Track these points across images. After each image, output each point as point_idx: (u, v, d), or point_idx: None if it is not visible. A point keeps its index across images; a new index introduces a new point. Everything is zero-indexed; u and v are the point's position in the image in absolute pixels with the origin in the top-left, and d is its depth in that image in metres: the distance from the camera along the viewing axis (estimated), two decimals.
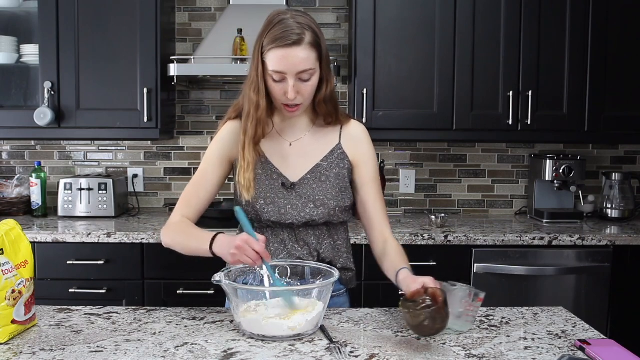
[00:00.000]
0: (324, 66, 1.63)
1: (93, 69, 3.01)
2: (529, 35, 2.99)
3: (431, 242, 2.76)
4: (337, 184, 1.71)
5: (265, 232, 1.70)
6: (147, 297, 2.79)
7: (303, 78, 1.59)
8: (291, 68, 1.56)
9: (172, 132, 3.37)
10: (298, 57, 1.56)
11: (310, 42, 1.57)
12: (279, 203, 1.67)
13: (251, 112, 1.63)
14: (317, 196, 1.68)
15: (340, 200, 1.70)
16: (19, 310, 1.44)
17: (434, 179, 3.44)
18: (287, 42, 1.55)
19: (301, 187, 1.69)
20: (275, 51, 1.56)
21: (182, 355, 1.34)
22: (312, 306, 1.46)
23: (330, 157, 1.73)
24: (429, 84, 3.01)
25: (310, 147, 1.73)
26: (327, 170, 1.71)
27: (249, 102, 1.63)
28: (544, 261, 2.79)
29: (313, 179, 1.70)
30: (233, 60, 3.00)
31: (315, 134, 1.75)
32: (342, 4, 3.37)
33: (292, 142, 1.74)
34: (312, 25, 1.60)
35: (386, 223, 1.76)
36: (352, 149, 1.75)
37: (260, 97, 1.61)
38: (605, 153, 3.47)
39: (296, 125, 1.74)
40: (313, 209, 1.67)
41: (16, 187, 3.23)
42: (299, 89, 1.59)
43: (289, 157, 1.72)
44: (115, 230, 2.81)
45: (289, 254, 1.69)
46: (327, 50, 1.64)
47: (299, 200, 1.68)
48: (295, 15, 1.59)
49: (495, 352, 1.37)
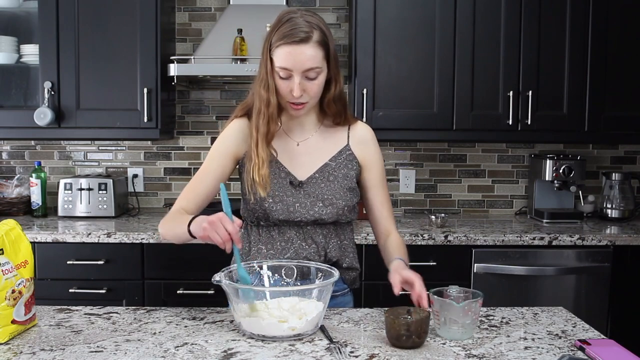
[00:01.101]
0: (332, 66, 1.64)
1: (93, 69, 3.01)
2: (529, 35, 2.99)
3: (431, 242, 2.76)
4: (345, 184, 1.72)
5: (272, 231, 1.71)
6: (147, 297, 2.79)
7: (309, 76, 1.59)
8: (297, 65, 1.57)
9: (172, 132, 3.37)
10: (305, 54, 1.57)
11: (317, 41, 1.58)
12: (287, 201, 1.68)
13: (262, 109, 1.63)
14: (325, 195, 1.69)
15: (349, 199, 1.72)
16: (19, 310, 1.44)
17: (434, 179, 3.44)
18: (294, 40, 1.56)
19: (309, 186, 1.70)
20: (283, 48, 1.57)
21: (182, 355, 1.34)
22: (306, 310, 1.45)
23: (339, 157, 1.74)
24: (429, 84, 3.01)
25: (318, 146, 1.74)
26: (335, 171, 1.72)
27: (260, 99, 1.64)
28: (544, 261, 2.79)
29: (321, 178, 1.71)
30: (233, 60, 3.00)
31: (323, 134, 1.76)
32: (342, 4, 3.37)
33: (299, 142, 1.74)
34: (321, 24, 1.61)
35: (391, 221, 1.81)
36: (360, 151, 1.76)
37: (271, 93, 1.62)
38: (605, 153, 3.47)
39: (304, 124, 1.74)
40: (322, 208, 1.68)
41: (16, 187, 3.23)
42: (305, 87, 1.60)
43: (297, 156, 1.72)
44: (115, 230, 2.81)
45: (296, 252, 1.69)
46: (335, 50, 1.65)
47: (307, 199, 1.68)
48: (305, 15, 1.61)
49: (495, 352, 1.37)
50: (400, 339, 1.37)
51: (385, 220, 1.80)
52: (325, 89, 1.66)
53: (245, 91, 3.40)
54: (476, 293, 1.49)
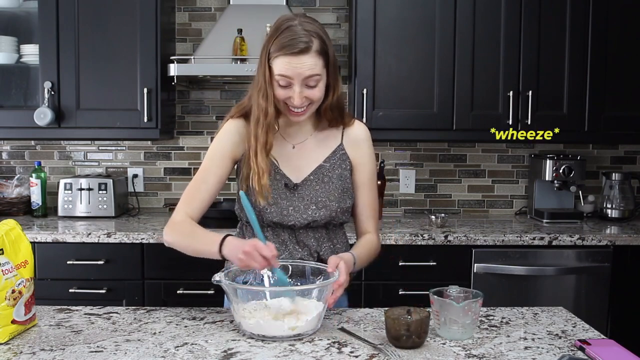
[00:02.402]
0: (331, 73, 1.63)
1: (93, 69, 3.01)
2: (529, 35, 2.99)
3: (431, 242, 2.76)
4: (340, 185, 1.72)
5: (266, 232, 1.71)
6: (147, 297, 2.79)
7: (309, 84, 1.59)
8: (298, 75, 1.57)
9: (172, 132, 3.37)
10: (305, 65, 1.56)
11: (317, 50, 1.57)
12: (282, 204, 1.68)
13: (260, 119, 1.63)
14: (319, 198, 1.69)
15: (342, 201, 1.72)
16: (19, 310, 1.44)
17: (434, 179, 3.44)
18: (293, 50, 1.55)
19: (304, 189, 1.70)
20: (282, 59, 1.56)
21: (182, 355, 1.34)
22: (306, 311, 1.46)
23: (333, 157, 1.74)
24: (429, 84, 3.01)
25: (313, 149, 1.74)
26: (330, 172, 1.72)
27: (258, 109, 1.63)
28: (544, 261, 2.79)
29: (316, 180, 1.71)
30: (233, 60, 3.00)
31: (318, 136, 1.76)
32: (342, 4, 3.37)
33: (295, 145, 1.74)
34: (320, 32, 1.60)
35: (371, 223, 1.80)
36: (352, 150, 1.76)
37: (269, 103, 1.61)
38: (605, 153, 3.47)
39: (300, 128, 1.74)
40: (315, 211, 1.68)
41: (16, 187, 3.23)
42: (305, 95, 1.59)
43: (292, 159, 1.72)
44: (115, 230, 2.81)
45: (290, 254, 1.70)
46: (335, 57, 1.64)
47: (301, 202, 1.68)
48: (303, 22, 1.59)
49: (495, 352, 1.37)
50: (400, 339, 1.37)
51: (366, 221, 1.79)
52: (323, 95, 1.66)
53: (245, 91, 3.39)
54: (476, 293, 1.49)
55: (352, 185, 1.77)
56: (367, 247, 1.74)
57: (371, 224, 1.79)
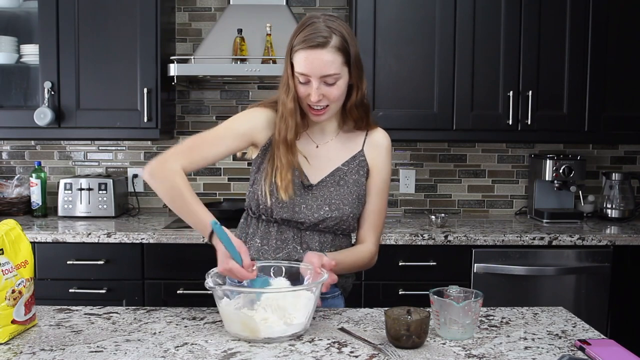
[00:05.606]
0: (353, 72, 1.63)
1: (93, 69, 3.01)
2: (529, 35, 2.99)
3: (431, 242, 2.76)
4: (355, 191, 1.71)
5: (271, 227, 1.70)
6: (147, 297, 2.79)
7: (328, 82, 1.59)
8: (315, 70, 1.57)
9: (172, 132, 3.37)
10: (322, 59, 1.56)
11: (336, 46, 1.57)
12: (295, 201, 1.67)
13: (284, 114, 1.64)
14: (333, 200, 1.69)
15: (356, 208, 1.72)
16: (19, 310, 1.44)
17: (434, 179, 3.44)
18: (311, 44, 1.56)
19: (319, 189, 1.70)
20: (301, 52, 1.58)
21: (182, 355, 1.34)
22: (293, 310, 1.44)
23: (352, 162, 1.74)
24: (429, 84, 3.01)
25: (335, 150, 1.74)
26: (347, 175, 1.72)
27: (282, 104, 1.64)
28: (544, 261, 2.79)
29: (332, 182, 1.71)
30: (233, 60, 3.00)
31: (342, 138, 1.76)
32: (342, 4, 3.37)
33: (319, 145, 1.74)
34: (343, 30, 1.60)
35: (372, 232, 1.76)
36: (371, 154, 1.76)
37: (289, 98, 1.62)
38: (605, 153, 3.47)
39: (324, 128, 1.74)
40: (328, 212, 1.68)
41: (16, 187, 3.23)
42: (323, 92, 1.60)
43: (314, 158, 1.72)
44: (115, 230, 2.81)
45: (289, 255, 1.69)
46: (358, 56, 1.64)
47: (315, 202, 1.68)
48: (327, 20, 1.60)
49: (495, 352, 1.37)
50: (400, 339, 1.37)
51: (368, 229, 1.76)
52: (347, 94, 1.66)
53: (246, 91, 3.41)
54: (476, 293, 1.49)
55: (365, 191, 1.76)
56: (353, 257, 1.71)
57: (371, 234, 1.76)
